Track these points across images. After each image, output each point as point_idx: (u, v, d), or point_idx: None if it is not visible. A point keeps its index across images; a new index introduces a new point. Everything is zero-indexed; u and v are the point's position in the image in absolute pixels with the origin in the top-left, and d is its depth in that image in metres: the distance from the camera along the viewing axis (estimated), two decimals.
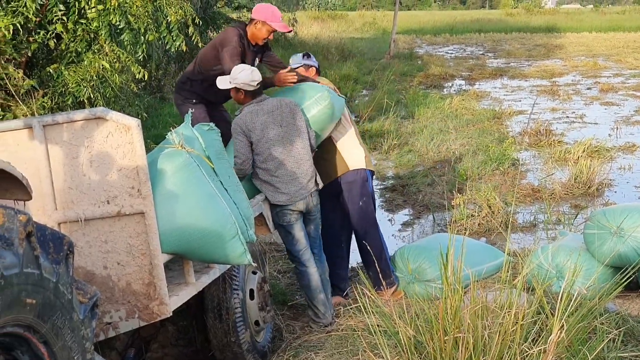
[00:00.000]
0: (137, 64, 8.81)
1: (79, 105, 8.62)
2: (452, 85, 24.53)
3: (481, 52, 37.01)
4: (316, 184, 7.34)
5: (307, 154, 7.21)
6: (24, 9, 8.12)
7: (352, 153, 7.82)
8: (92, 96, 8.54)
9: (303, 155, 7.18)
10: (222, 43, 7.72)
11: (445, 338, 4.88)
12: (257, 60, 8.02)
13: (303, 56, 8.41)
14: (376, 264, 7.33)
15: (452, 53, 36.67)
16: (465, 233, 7.79)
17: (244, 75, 7.05)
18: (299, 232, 7.25)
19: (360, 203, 7.76)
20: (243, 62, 7.56)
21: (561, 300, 4.93)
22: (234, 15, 27.47)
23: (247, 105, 7.14)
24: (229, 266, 6.02)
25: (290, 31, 7.99)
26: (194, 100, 8.08)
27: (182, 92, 8.29)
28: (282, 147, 7.08)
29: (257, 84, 7.11)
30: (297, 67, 8.12)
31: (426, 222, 10.64)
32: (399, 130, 15.79)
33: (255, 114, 7.08)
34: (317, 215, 7.46)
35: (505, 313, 4.96)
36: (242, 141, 7.02)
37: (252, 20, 7.83)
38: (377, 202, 12.18)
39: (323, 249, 7.57)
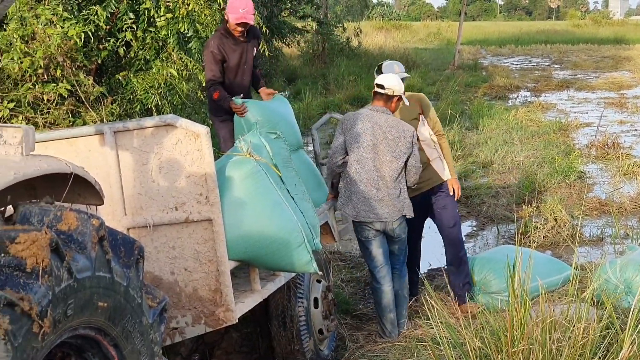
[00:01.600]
0: (204, 72, 8.89)
1: (147, 112, 8.73)
2: (517, 96, 24.31)
3: (547, 64, 36.64)
4: (402, 213, 7.06)
5: (392, 182, 6.94)
6: (95, 17, 8.27)
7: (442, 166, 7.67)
8: (159, 103, 8.66)
9: (387, 182, 6.94)
10: (205, 48, 7.60)
11: (513, 350, 4.83)
12: (254, 51, 7.65)
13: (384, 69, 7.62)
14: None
15: (517, 64, 36.36)
16: (531, 246, 7.70)
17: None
18: (376, 249, 7.11)
19: (457, 211, 7.79)
20: (224, 61, 7.39)
21: (632, 315, 4.85)
22: (299, 24, 27.63)
23: (367, 106, 7.16)
24: (294, 274, 6.03)
25: (243, 21, 7.19)
26: (221, 117, 7.50)
27: (210, 107, 7.92)
28: (370, 163, 6.92)
29: (379, 87, 7.03)
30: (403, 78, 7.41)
31: (490, 234, 10.56)
32: (463, 141, 15.69)
33: (359, 118, 7.00)
34: (403, 238, 7.21)
35: (574, 327, 4.89)
36: (339, 135, 7.03)
37: None
38: None
39: None
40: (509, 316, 5.06)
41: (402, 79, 7.27)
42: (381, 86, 7.02)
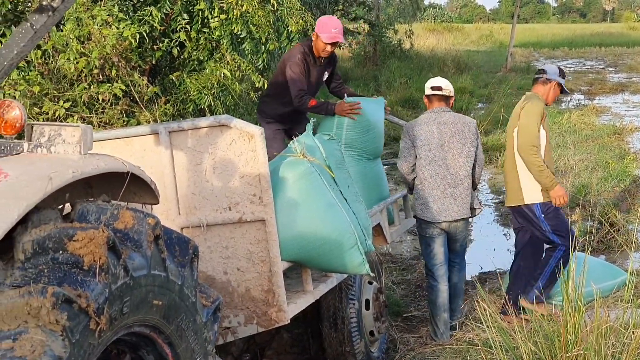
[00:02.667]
0: (257, 73, 8.92)
1: (200, 112, 8.78)
2: (570, 99, 24.06)
3: (601, 67, 36.26)
4: (471, 210, 7.31)
5: (467, 177, 7.19)
6: (150, 17, 8.33)
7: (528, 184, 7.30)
8: (212, 104, 8.69)
9: (463, 177, 7.17)
10: (287, 60, 7.51)
11: (567, 355, 4.78)
12: (325, 75, 7.78)
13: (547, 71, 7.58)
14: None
15: (571, 67, 36.00)
16: (585, 250, 7.61)
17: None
18: (438, 247, 7.25)
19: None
20: (307, 79, 7.41)
21: None
22: (350, 27, 27.63)
23: (424, 113, 7.38)
24: (345, 275, 6.03)
25: (336, 41, 7.30)
26: (268, 119, 7.71)
27: (260, 108, 8.06)
28: (443, 162, 7.14)
29: (436, 89, 7.29)
30: (553, 82, 7.48)
31: None
32: None
33: (422, 123, 7.22)
34: (464, 235, 7.45)
35: (630, 333, 4.82)
36: (405, 143, 7.28)
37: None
38: (493, 215, 12.07)
39: None
40: (562, 321, 5.01)
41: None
42: (438, 88, 7.30)
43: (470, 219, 7.59)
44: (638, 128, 18.08)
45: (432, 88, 7.32)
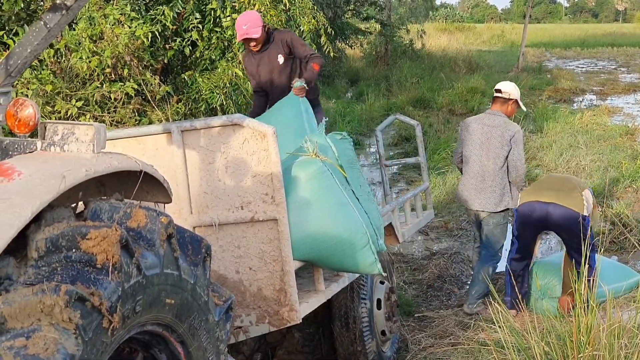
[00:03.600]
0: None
1: (212, 111, 8.79)
2: (582, 100, 24.00)
3: (614, 67, 36.12)
4: (498, 208, 7.85)
5: (495, 175, 7.79)
6: (162, 17, 8.35)
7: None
8: (224, 103, 8.71)
9: (491, 175, 7.80)
10: None
11: (580, 356, 4.76)
12: (280, 58, 7.44)
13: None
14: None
15: (583, 67, 35.91)
16: (599, 251, 7.58)
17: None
18: (476, 231, 8.24)
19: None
20: (255, 70, 7.45)
21: None
22: (362, 26, 27.62)
23: (486, 111, 8.17)
24: (357, 275, 6.02)
25: (246, 37, 7.16)
26: None
27: None
28: (477, 158, 7.84)
29: (497, 91, 7.96)
30: None
31: (553, 238, 10.41)
32: (527, 145, 15.50)
33: (473, 121, 8.01)
34: (489, 228, 7.94)
35: None
36: (459, 137, 8.16)
37: None
38: None
39: None
40: (575, 321, 4.99)
41: None
42: (498, 90, 7.98)
43: (503, 218, 7.95)
44: None
45: (495, 89, 8.03)
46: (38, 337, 2.81)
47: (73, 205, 3.49)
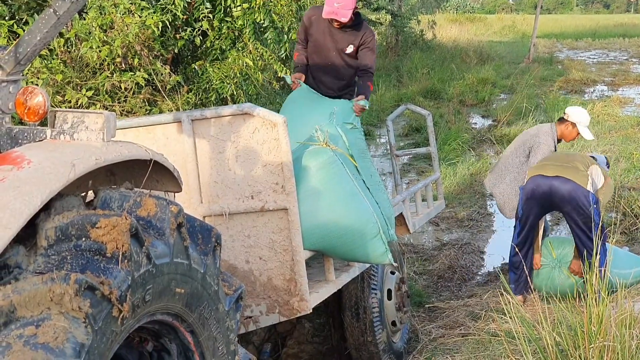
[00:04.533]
0: (279, 62, 8.90)
1: (222, 101, 8.76)
2: (593, 90, 23.88)
3: (625, 58, 35.92)
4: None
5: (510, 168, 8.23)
6: (173, 6, 8.31)
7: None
8: (235, 93, 8.68)
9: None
10: None
11: (591, 346, 4.74)
12: (350, 47, 6.76)
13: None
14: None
15: (594, 58, 35.72)
16: (609, 241, 7.55)
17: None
18: None
19: None
20: (318, 37, 6.79)
21: None
22: (373, 17, 27.55)
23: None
24: (368, 265, 6.00)
25: (333, 17, 6.50)
26: None
27: None
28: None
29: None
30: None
31: (564, 229, 10.38)
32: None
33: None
34: None
35: None
36: None
37: None
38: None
39: None
40: (586, 312, 4.97)
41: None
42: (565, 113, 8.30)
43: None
44: None
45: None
46: (48, 326, 2.80)
47: (83, 194, 3.47)
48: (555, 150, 8.11)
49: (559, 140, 8.18)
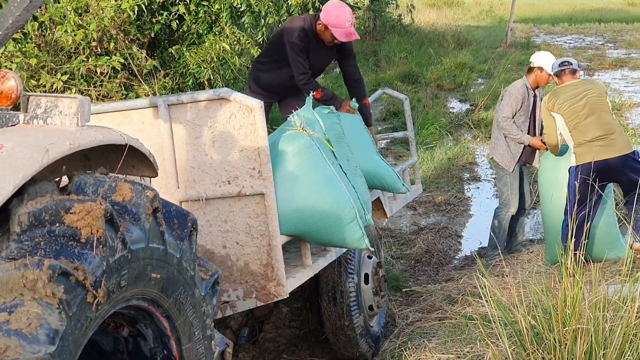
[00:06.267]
0: (256, 47, 8.85)
1: (199, 86, 8.72)
2: None
3: (601, 43, 36.01)
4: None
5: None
6: None
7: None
8: (212, 77, 8.63)
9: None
10: (286, 33, 6.83)
11: (565, 329, 4.76)
12: (332, 58, 7.06)
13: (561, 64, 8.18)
14: None
15: (570, 43, 35.77)
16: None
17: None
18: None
19: None
20: (306, 58, 6.75)
21: None
22: (351, 1, 27.48)
23: None
24: (345, 250, 6.00)
25: (354, 39, 6.70)
26: (257, 91, 7.20)
27: (254, 74, 7.48)
28: None
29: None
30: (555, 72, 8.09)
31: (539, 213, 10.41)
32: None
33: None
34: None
35: (628, 307, 4.81)
36: None
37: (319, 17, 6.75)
38: (492, 190, 12.04)
39: None
40: (561, 295, 4.99)
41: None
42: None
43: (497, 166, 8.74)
44: (637, 104, 18.01)
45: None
46: (21, 312, 2.78)
47: (57, 179, 3.45)
48: (534, 100, 8.56)
49: (536, 88, 8.59)
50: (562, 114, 7.54)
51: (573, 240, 5.59)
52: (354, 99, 6.75)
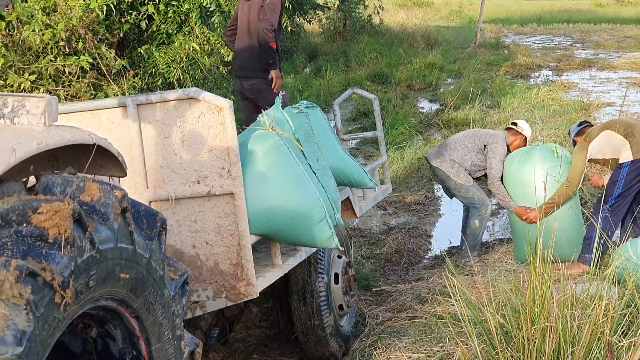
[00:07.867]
0: (226, 47, 8.85)
1: (169, 86, 8.71)
2: (539, 75, 24.10)
3: (569, 43, 36.27)
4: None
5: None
6: None
7: None
8: (181, 77, 8.63)
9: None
10: None
11: (534, 327, 4.80)
12: (258, 10, 7.88)
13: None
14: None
15: (539, 43, 36.02)
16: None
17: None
18: None
19: None
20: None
21: None
22: (321, 1, 27.49)
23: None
24: (314, 249, 6.01)
25: None
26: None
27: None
28: None
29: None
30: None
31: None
32: (484, 120, 15.60)
33: None
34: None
35: (595, 305, 4.85)
36: None
37: None
38: None
39: None
40: (529, 293, 5.03)
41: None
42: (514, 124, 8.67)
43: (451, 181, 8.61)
44: (605, 104, 18.13)
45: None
46: None
47: (24, 179, 3.42)
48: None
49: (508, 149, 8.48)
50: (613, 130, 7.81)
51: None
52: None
